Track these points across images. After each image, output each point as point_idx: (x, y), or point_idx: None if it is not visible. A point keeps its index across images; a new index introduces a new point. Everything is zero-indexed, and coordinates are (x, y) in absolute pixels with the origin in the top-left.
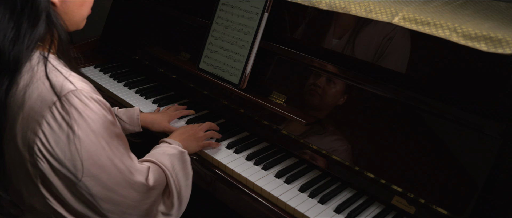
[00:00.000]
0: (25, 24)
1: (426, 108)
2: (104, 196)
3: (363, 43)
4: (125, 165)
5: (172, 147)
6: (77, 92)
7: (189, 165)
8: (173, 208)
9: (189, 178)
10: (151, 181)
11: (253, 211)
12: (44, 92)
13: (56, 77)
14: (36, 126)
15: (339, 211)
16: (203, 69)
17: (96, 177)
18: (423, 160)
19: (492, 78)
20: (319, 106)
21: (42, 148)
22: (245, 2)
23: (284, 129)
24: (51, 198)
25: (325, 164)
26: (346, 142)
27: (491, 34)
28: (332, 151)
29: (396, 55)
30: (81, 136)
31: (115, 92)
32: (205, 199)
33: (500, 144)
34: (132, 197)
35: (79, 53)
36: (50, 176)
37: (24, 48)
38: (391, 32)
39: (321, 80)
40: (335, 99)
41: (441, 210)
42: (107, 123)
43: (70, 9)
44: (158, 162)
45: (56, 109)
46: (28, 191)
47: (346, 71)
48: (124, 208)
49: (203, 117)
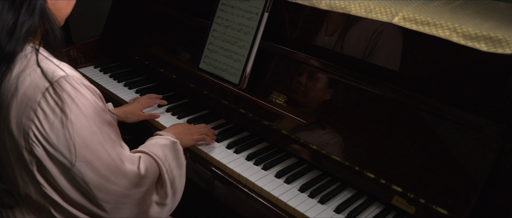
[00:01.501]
0: (22, 17)
1: (426, 108)
2: (98, 183)
3: (363, 43)
4: (116, 152)
5: (164, 138)
6: (68, 78)
7: (181, 154)
8: (167, 197)
9: (182, 168)
10: (143, 169)
11: (253, 211)
12: (36, 79)
13: (47, 65)
14: (30, 112)
15: (339, 211)
16: (203, 69)
17: (89, 162)
18: (423, 160)
19: (492, 78)
20: (319, 106)
21: (37, 133)
22: (245, 2)
23: (284, 129)
24: (47, 185)
25: (325, 164)
26: (346, 142)
27: (491, 34)
28: (332, 151)
29: (396, 56)
30: (73, 120)
31: (115, 92)
32: (205, 199)
33: (500, 144)
34: (124, 184)
35: (79, 53)
36: (46, 162)
37: (20, 40)
38: (393, 31)
39: (321, 81)
40: (335, 99)
41: (441, 210)
42: (98, 109)
43: (59, 7)
44: (149, 152)
45: (49, 94)
46: (23, 180)
47: (347, 72)
48: (117, 197)
49: (203, 117)
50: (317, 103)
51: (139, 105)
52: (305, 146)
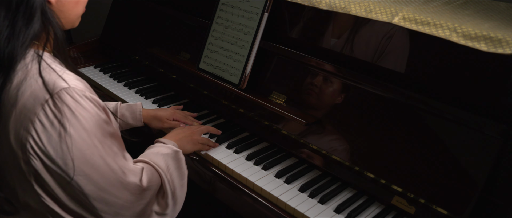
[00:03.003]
0: (20, 22)
1: (426, 108)
2: (97, 195)
3: (363, 42)
4: (118, 165)
5: (166, 146)
6: (69, 90)
7: (183, 164)
8: (168, 208)
9: (184, 178)
10: (145, 182)
11: (253, 211)
12: (37, 90)
13: (49, 75)
14: (28, 124)
15: (339, 211)
16: (203, 69)
17: (88, 176)
18: (423, 160)
19: (492, 78)
20: (319, 106)
21: (34, 145)
22: (245, 2)
23: (284, 129)
24: (45, 196)
25: (325, 164)
26: (346, 142)
27: (491, 34)
28: (332, 151)
29: (396, 55)
30: (72, 134)
31: (115, 92)
32: (205, 199)
33: (500, 144)
34: (125, 197)
35: (79, 53)
36: (43, 174)
37: (18, 45)
38: (391, 30)
39: (321, 80)
40: (335, 99)
41: (441, 210)
42: (100, 122)
43: (66, 8)
44: (152, 163)
45: (48, 107)
46: (22, 189)
47: (346, 71)
48: (117, 209)
49: (203, 117)
50: (317, 104)
51: (170, 115)
52: (305, 146)
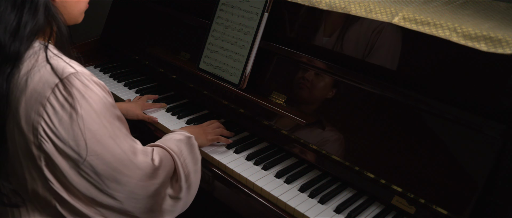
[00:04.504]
0: (25, 17)
1: (426, 108)
2: (109, 175)
3: (363, 42)
4: (129, 144)
5: (178, 133)
6: (78, 75)
7: (196, 149)
8: (182, 191)
9: (197, 163)
10: (157, 161)
11: (253, 211)
12: (46, 75)
13: (57, 62)
14: (39, 107)
15: (339, 211)
16: (203, 69)
17: (100, 156)
18: (423, 160)
19: (492, 78)
20: (319, 106)
21: (46, 128)
22: (245, 2)
23: (284, 129)
24: (55, 181)
25: (325, 164)
26: (346, 142)
27: (491, 34)
28: (332, 151)
29: (395, 55)
30: (84, 116)
31: (115, 92)
32: (204, 198)
33: (500, 144)
34: (137, 176)
35: (79, 53)
36: (55, 157)
37: (24, 40)
38: (385, 29)
39: (321, 81)
40: (335, 100)
41: (441, 210)
42: (108, 104)
43: (69, 4)
44: (164, 145)
45: (59, 90)
46: (31, 176)
47: (347, 72)
48: (130, 188)
49: (203, 117)
50: (317, 103)
51: (140, 107)
52: (305, 146)
